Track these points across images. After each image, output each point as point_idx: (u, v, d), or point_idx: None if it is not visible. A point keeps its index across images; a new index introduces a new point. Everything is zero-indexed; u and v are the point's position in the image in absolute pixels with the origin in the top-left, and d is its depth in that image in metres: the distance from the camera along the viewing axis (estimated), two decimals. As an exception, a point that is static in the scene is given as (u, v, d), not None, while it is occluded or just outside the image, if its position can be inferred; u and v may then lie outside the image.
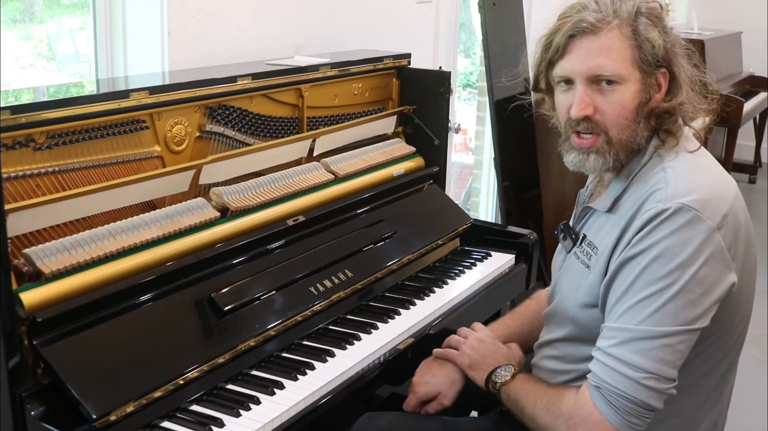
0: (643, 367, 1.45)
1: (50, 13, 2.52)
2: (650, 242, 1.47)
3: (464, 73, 4.95)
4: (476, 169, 4.63)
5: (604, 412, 1.47)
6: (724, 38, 6.71)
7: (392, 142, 2.65)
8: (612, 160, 1.59)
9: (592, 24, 1.53)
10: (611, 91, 1.55)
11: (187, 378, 1.65)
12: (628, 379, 1.46)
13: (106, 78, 2.34)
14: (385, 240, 2.30)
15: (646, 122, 1.58)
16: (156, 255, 1.79)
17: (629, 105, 1.55)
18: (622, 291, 1.51)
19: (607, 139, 1.57)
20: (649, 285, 1.46)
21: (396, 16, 3.33)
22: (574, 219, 1.79)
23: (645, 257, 1.47)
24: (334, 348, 1.89)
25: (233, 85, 2.08)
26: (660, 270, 1.45)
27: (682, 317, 1.45)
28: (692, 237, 1.45)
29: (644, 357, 1.45)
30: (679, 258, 1.44)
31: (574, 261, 1.70)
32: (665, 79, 1.58)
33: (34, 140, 1.67)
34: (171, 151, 1.98)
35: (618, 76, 1.53)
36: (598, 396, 1.48)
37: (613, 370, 1.47)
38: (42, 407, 1.49)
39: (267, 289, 1.92)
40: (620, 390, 1.46)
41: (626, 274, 1.51)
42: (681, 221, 1.45)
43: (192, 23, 2.35)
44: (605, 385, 1.48)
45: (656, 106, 1.58)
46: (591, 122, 1.56)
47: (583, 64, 1.54)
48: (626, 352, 1.46)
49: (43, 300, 1.56)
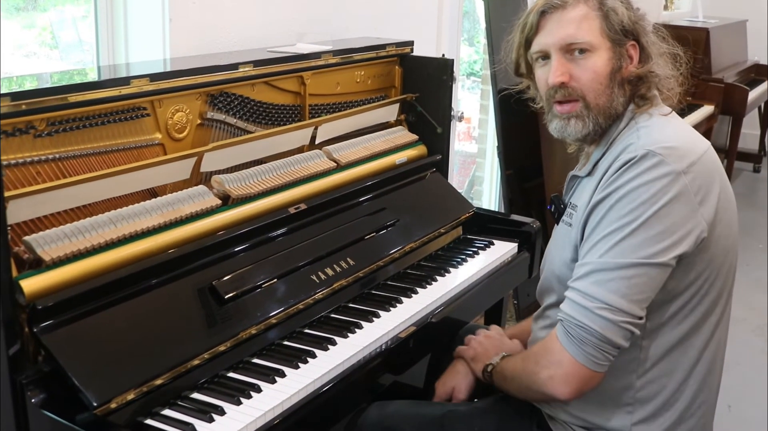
0: (597, 297, 1.53)
1: (53, 2, 2.51)
2: (617, 185, 1.57)
3: (468, 61, 4.94)
4: (479, 158, 4.62)
5: (565, 344, 1.56)
6: (729, 26, 6.68)
7: (395, 130, 2.64)
8: (591, 124, 1.70)
9: (560, 1, 1.68)
10: (584, 59, 1.67)
11: (188, 366, 1.65)
12: (585, 309, 1.54)
13: (107, 65, 2.33)
14: (387, 229, 2.30)
15: (621, 88, 1.69)
16: (157, 242, 1.79)
17: (602, 71, 1.67)
18: (589, 232, 1.61)
19: (585, 104, 1.69)
20: (612, 223, 1.55)
21: (399, 4, 3.31)
22: (564, 192, 1.86)
23: (611, 199, 1.57)
24: (336, 336, 1.88)
25: (235, 72, 2.07)
26: (623, 209, 1.54)
27: (640, 251, 1.53)
28: (656, 179, 1.54)
29: (600, 288, 1.53)
30: (641, 198, 1.53)
31: (562, 226, 1.79)
32: (635, 50, 1.70)
33: (34, 127, 1.66)
34: (172, 139, 1.97)
35: (588, 44, 1.67)
36: (561, 329, 1.57)
37: (572, 302, 1.56)
38: (43, 394, 1.49)
39: (268, 277, 1.92)
40: (577, 320, 1.54)
41: (594, 217, 1.61)
42: (646, 165, 1.55)
43: (193, 10, 2.34)
44: (566, 317, 1.56)
45: (628, 74, 1.69)
46: (568, 89, 1.69)
47: (555, 36, 1.68)
48: (585, 284, 1.55)
49: (44, 288, 1.56)
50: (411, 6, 3.40)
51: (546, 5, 1.70)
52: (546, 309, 1.83)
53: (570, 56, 1.68)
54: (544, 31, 1.70)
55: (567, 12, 1.68)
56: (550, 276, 1.79)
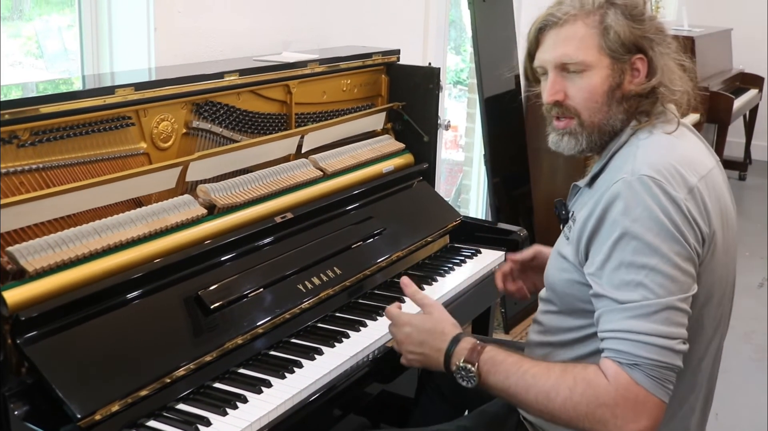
0: (672, 335, 1.47)
1: (39, 11, 2.50)
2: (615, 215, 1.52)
3: (455, 70, 4.94)
4: (466, 166, 4.63)
5: (650, 388, 1.46)
6: (714, 35, 6.72)
7: (381, 139, 2.64)
8: (585, 142, 1.68)
9: (557, 17, 1.66)
10: (579, 77, 1.65)
11: (174, 377, 1.64)
12: (665, 349, 1.47)
13: (91, 74, 2.32)
14: (374, 237, 2.29)
15: (619, 105, 1.66)
16: (142, 252, 1.78)
17: (598, 89, 1.64)
18: (600, 263, 1.53)
19: (579, 121, 1.67)
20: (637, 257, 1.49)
21: (385, 12, 3.31)
22: (568, 198, 1.84)
23: (614, 230, 1.52)
24: (323, 345, 1.87)
25: (220, 81, 2.07)
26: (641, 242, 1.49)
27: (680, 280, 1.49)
28: (660, 205, 1.49)
29: (671, 325, 1.48)
30: (655, 227, 1.49)
31: (561, 236, 1.76)
32: (643, 64, 1.65)
33: (17, 137, 1.65)
34: (157, 148, 1.96)
35: (582, 63, 1.64)
36: (639, 374, 1.47)
37: (648, 344, 1.47)
38: (26, 407, 1.47)
39: (255, 287, 1.91)
40: (661, 361, 1.47)
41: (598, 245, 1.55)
42: (644, 190, 1.50)
43: (178, 19, 2.34)
44: (644, 361, 1.47)
45: (630, 90, 1.65)
46: (563, 107, 1.68)
47: (551, 54, 1.67)
48: (654, 325, 1.47)
49: (27, 299, 1.54)
50: (397, 14, 3.40)
51: (543, 22, 1.68)
52: (541, 314, 1.79)
53: (565, 74, 1.66)
54: (543, 46, 1.69)
55: (563, 29, 1.65)
56: (546, 278, 1.77)
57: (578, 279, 1.62)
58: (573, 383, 1.50)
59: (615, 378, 1.47)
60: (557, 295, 1.71)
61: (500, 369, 1.58)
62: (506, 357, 1.59)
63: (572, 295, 1.65)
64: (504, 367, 1.58)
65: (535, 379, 1.54)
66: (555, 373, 1.53)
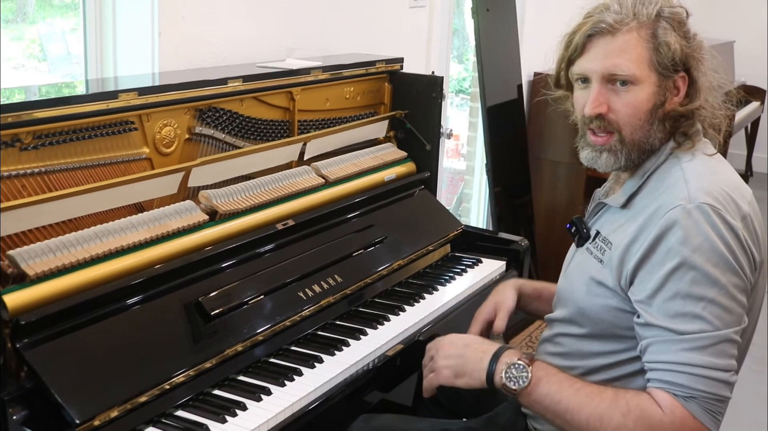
0: (727, 367, 1.45)
1: (42, 14, 2.50)
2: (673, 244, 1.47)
3: (457, 78, 4.95)
4: (468, 175, 4.62)
5: (705, 421, 1.44)
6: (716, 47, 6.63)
7: (383, 147, 2.64)
8: (624, 159, 1.61)
9: (610, 25, 1.57)
10: (625, 92, 1.57)
11: (173, 383, 1.63)
12: (719, 382, 1.44)
13: (95, 78, 2.32)
14: (375, 246, 2.29)
15: (661, 124, 1.60)
16: (143, 258, 1.77)
17: (643, 106, 1.57)
18: (652, 291, 1.49)
19: (620, 138, 1.59)
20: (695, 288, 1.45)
21: (389, 21, 3.31)
22: (588, 215, 1.78)
23: (671, 259, 1.47)
24: (323, 353, 1.87)
25: (224, 87, 2.06)
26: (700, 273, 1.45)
27: (736, 312, 1.47)
28: (721, 235, 1.46)
29: (725, 357, 1.45)
30: (715, 258, 1.45)
31: (587, 256, 1.69)
32: (684, 82, 1.60)
33: (20, 140, 1.65)
34: (160, 153, 1.96)
35: (633, 77, 1.56)
36: (695, 407, 1.44)
37: (705, 377, 1.44)
38: (25, 411, 1.47)
39: (255, 294, 1.90)
40: (716, 394, 1.44)
41: (648, 272, 1.50)
42: (704, 219, 1.46)
43: (183, 25, 2.34)
44: (701, 394, 1.44)
45: (672, 109, 1.60)
46: (604, 121, 1.59)
47: (600, 63, 1.58)
48: (710, 358, 1.44)
49: (28, 303, 1.54)
50: (401, 23, 3.40)
51: (594, 28, 1.58)
52: (558, 337, 1.75)
53: (611, 86, 1.58)
54: (589, 54, 1.59)
55: (615, 39, 1.56)
56: (572, 307, 1.70)
57: (617, 305, 1.58)
58: (627, 409, 1.46)
59: (671, 410, 1.44)
60: (589, 320, 1.65)
61: (554, 380, 1.53)
62: (558, 371, 1.56)
63: (608, 321, 1.60)
64: (558, 379, 1.53)
65: (590, 398, 1.49)
66: (609, 396, 1.49)
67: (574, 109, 1.70)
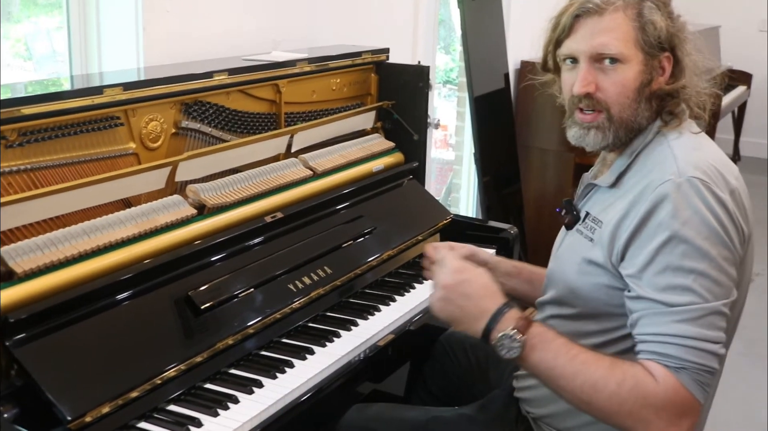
0: (716, 339, 1.47)
1: (27, 13, 2.48)
2: (663, 217, 1.49)
3: (444, 69, 4.94)
4: (456, 165, 4.62)
5: (695, 392, 1.45)
6: (702, 32, 6.69)
7: (371, 138, 2.63)
8: (612, 137, 1.63)
9: (597, 5, 1.60)
10: (613, 70, 1.60)
11: (165, 378, 1.63)
12: (709, 353, 1.46)
13: (80, 75, 2.31)
14: (364, 237, 2.29)
15: (648, 103, 1.63)
16: (132, 253, 1.77)
17: (631, 84, 1.60)
18: (643, 264, 1.50)
19: (608, 116, 1.62)
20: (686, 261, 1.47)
21: (374, 11, 3.31)
22: (577, 197, 1.80)
23: (662, 232, 1.48)
24: (314, 345, 1.87)
25: (209, 80, 2.06)
26: (690, 245, 1.46)
27: (726, 285, 1.49)
28: (707, 208, 1.47)
29: (714, 329, 1.47)
30: (705, 231, 1.47)
31: (577, 237, 1.70)
32: (669, 62, 1.63)
33: (5, 137, 1.64)
34: (146, 148, 1.95)
35: (620, 55, 1.59)
36: (686, 378, 1.45)
37: (695, 349, 1.45)
38: (15, 409, 1.46)
39: (245, 287, 1.90)
40: (706, 365, 1.46)
41: (639, 247, 1.52)
42: (694, 192, 1.48)
43: (167, 19, 2.33)
44: (691, 365, 1.45)
45: (658, 88, 1.63)
46: (593, 99, 1.62)
47: (587, 43, 1.61)
48: (701, 329, 1.46)
49: (16, 301, 1.54)
50: (387, 13, 3.40)
51: (581, 9, 1.61)
52: (551, 319, 1.76)
53: (599, 65, 1.61)
54: (576, 35, 1.62)
55: (603, 19, 1.60)
56: (559, 280, 1.73)
57: (608, 283, 1.59)
58: (622, 378, 1.46)
59: (663, 380, 1.45)
60: (580, 299, 1.66)
61: (549, 347, 1.52)
62: (556, 337, 1.54)
63: (599, 299, 1.62)
64: (554, 346, 1.52)
65: (585, 366, 1.49)
66: (605, 364, 1.49)
67: (562, 92, 1.72)
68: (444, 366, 2.16)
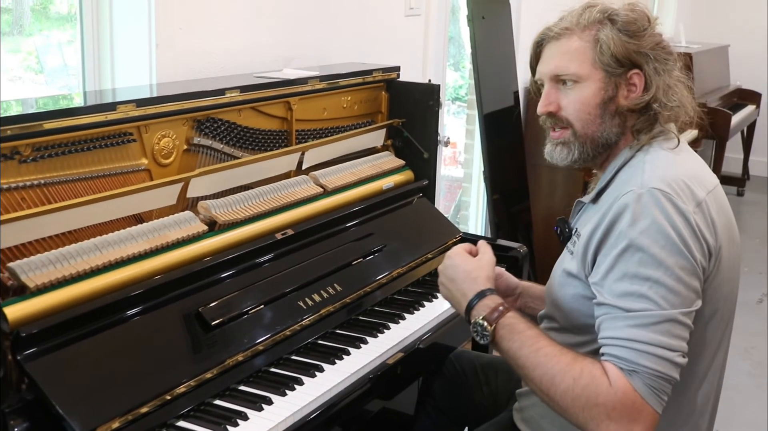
0: (672, 347, 1.49)
1: (39, 26, 2.50)
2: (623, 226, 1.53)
3: (453, 86, 4.95)
4: (465, 183, 4.63)
5: (646, 396, 1.47)
6: (711, 51, 6.75)
7: (381, 155, 2.64)
8: (577, 152, 1.72)
9: (555, 32, 1.72)
10: (571, 89, 1.70)
11: (174, 394, 1.63)
12: (663, 359, 1.48)
13: (93, 90, 2.33)
14: (374, 254, 2.29)
15: (613, 119, 1.69)
16: (143, 269, 1.77)
17: (590, 101, 1.68)
18: (617, 277, 1.53)
19: (573, 131, 1.71)
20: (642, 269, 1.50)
21: (385, 29, 3.32)
22: (571, 216, 1.85)
23: (620, 242, 1.53)
24: (323, 362, 1.87)
25: (221, 97, 2.07)
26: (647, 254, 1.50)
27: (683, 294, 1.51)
28: (666, 218, 1.51)
29: (671, 337, 1.49)
30: (661, 240, 1.50)
31: (565, 252, 1.77)
32: (640, 79, 1.68)
33: (19, 152, 1.65)
34: (158, 164, 1.96)
35: (575, 76, 1.69)
36: (638, 381, 1.48)
37: (648, 354, 1.48)
38: (26, 423, 1.46)
39: (255, 303, 1.90)
40: (659, 371, 1.48)
41: (604, 256, 1.56)
42: (653, 203, 1.52)
43: (180, 36, 2.34)
44: (643, 369, 1.48)
45: (623, 104, 1.69)
46: (555, 117, 1.72)
47: (546, 66, 1.73)
48: (655, 335, 1.48)
49: (28, 315, 1.54)
50: (397, 32, 3.41)
51: (541, 36, 1.76)
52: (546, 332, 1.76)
53: (560, 86, 1.71)
54: (542, 60, 1.76)
55: (560, 44, 1.71)
56: (548, 294, 1.79)
57: (583, 293, 1.63)
58: (579, 374, 1.50)
59: (615, 381, 1.48)
60: (561, 312, 1.71)
61: (516, 338, 1.58)
62: (526, 328, 1.59)
63: (577, 310, 1.66)
64: (520, 337, 1.58)
65: (546, 359, 1.54)
66: (565, 360, 1.53)
67: None
68: (454, 384, 2.16)
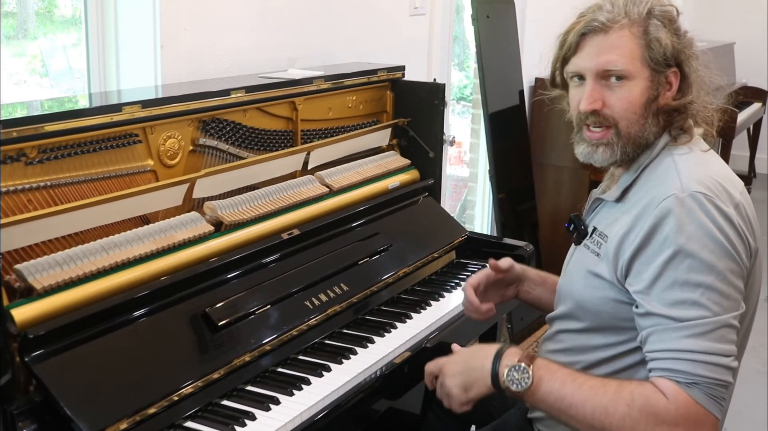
0: (727, 352, 1.47)
1: (44, 30, 2.51)
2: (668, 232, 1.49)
3: (458, 86, 4.95)
4: (471, 182, 4.63)
5: (707, 406, 1.45)
6: (716, 49, 6.72)
7: (387, 155, 2.64)
8: (620, 153, 1.65)
9: (602, 23, 1.61)
10: (619, 87, 1.62)
11: (182, 394, 1.63)
12: (721, 367, 1.46)
13: (98, 92, 2.33)
14: (380, 254, 2.29)
15: (655, 118, 1.64)
16: (149, 270, 1.78)
17: (637, 100, 1.62)
18: (650, 280, 1.51)
19: (616, 131, 1.63)
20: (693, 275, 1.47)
21: (390, 29, 3.32)
22: (585, 212, 1.81)
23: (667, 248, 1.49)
24: (330, 362, 1.87)
25: (226, 98, 2.07)
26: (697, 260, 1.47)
27: (734, 298, 1.49)
28: (715, 221, 1.48)
29: (725, 342, 1.47)
30: (710, 244, 1.47)
31: (585, 252, 1.72)
32: (676, 78, 1.64)
33: (25, 154, 1.65)
34: (164, 165, 1.96)
35: (626, 72, 1.60)
36: (698, 393, 1.45)
37: (706, 363, 1.45)
38: (34, 425, 1.46)
39: (262, 304, 1.90)
40: (718, 379, 1.46)
41: (644, 261, 1.52)
42: (697, 207, 1.49)
43: (185, 37, 2.35)
44: (703, 379, 1.45)
45: (665, 104, 1.64)
46: (600, 116, 1.63)
47: (593, 61, 1.62)
48: (711, 343, 1.46)
49: (35, 317, 1.54)
50: (402, 31, 3.41)
51: (587, 27, 1.63)
52: (559, 334, 1.77)
53: (605, 82, 1.62)
54: (583, 52, 1.64)
55: (608, 36, 1.61)
56: (570, 303, 1.73)
57: (615, 297, 1.60)
58: (630, 399, 1.47)
59: (675, 397, 1.45)
60: (588, 313, 1.67)
61: (556, 377, 1.54)
62: (560, 367, 1.56)
63: (606, 313, 1.63)
64: (560, 375, 1.54)
65: (593, 392, 1.50)
66: (612, 388, 1.50)
67: (570, 108, 1.74)
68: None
